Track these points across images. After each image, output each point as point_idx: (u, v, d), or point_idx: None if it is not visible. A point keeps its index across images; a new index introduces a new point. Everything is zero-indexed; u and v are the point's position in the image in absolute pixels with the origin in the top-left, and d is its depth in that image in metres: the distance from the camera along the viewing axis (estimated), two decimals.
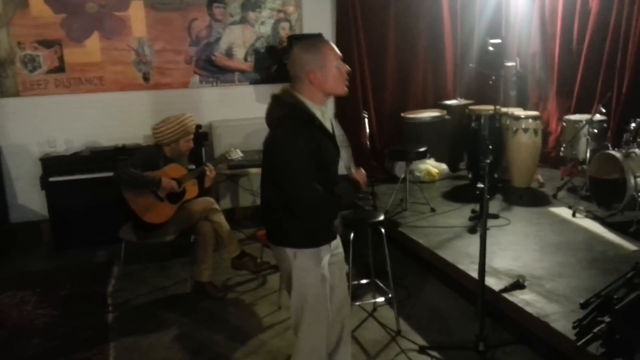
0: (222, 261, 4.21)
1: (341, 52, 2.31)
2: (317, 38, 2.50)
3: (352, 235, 3.33)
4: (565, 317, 2.80)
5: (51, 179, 4.77)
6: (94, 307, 3.87)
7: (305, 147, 2.15)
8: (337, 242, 2.49)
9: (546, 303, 2.98)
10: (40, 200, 4.99)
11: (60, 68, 5.10)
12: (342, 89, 2.29)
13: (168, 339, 3.43)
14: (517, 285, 3.17)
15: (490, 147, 2.97)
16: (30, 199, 5.16)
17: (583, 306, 2.81)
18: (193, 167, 4.28)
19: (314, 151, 2.17)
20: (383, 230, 3.39)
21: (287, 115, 2.24)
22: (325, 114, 2.34)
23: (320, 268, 2.32)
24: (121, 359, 3.20)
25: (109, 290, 4.15)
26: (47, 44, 5.02)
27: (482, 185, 2.91)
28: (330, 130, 2.33)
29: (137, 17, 5.23)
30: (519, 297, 3.06)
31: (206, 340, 3.41)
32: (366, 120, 5.01)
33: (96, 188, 4.78)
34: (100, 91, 5.25)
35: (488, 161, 2.93)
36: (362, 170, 2.43)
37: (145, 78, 5.37)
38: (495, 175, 5.31)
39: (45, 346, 3.34)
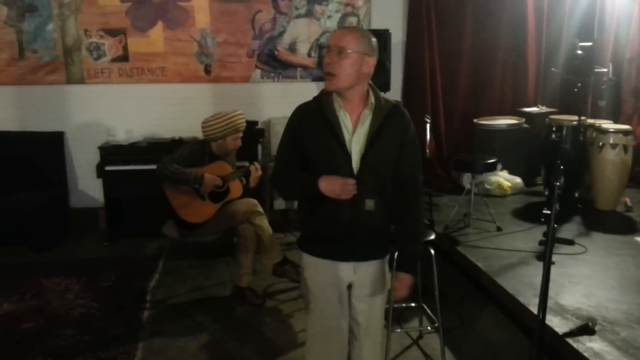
0: (264, 266, 4.01)
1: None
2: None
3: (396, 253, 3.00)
4: None
5: (107, 168, 4.78)
6: (131, 302, 3.79)
7: (289, 123, 2.12)
8: (365, 274, 2.16)
9: (619, 356, 2.52)
10: (98, 188, 5.03)
11: (124, 57, 5.10)
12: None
13: (197, 345, 3.27)
14: (586, 329, 2.72)
15: (562, 166, 2.53)
16: (89, 185, 5.22)
17: None
18: (245, 164, 4.09)
19: (296, 136, 2.08)
20: (432, 251, 3.03)
21: None
22: (362, 114, 2.07)
23: (315, 280, 2.17)
24: None
25: (151, 285, 4.08)
26: (112, 32, 5.04)
27: (548, 212, 2.49)
28: (344, 126, 2.03)
29: (201, 8, 5.13)
30: (586, 345, 2.61)
31: (235, 351, 3.21)
32: (428, 125, 4.62)
33: (150, 179, 4.71)
34: (161, 82, 5.22)
35: (558, 183, 2.50)
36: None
37: (207, 71, 5.28)
38: (576, 195, 4.76)
39: (76, 339, 3.29)
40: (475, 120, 5.56)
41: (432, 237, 3.06)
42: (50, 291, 3.94)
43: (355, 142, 2.03)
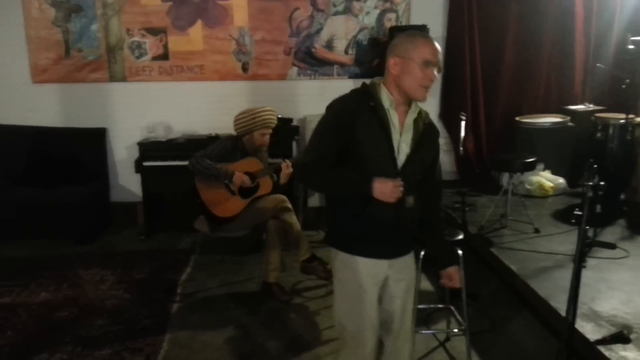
0: (293, 263, 4.00)
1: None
2: (422, 31, 2.31)
3: (422, 252, 2.92)
4: None
5: (145, 163, 4.90)
6: (162, 295, 3.87)
7: (337, 115, 2.01)
8: (401, 265, 2.18)
9: None
10: (137, 183, 5.16)
11: (164, 55, 5.22)
12: (418, 93, 2.00)
13: (222, 339, 3.30)
14: (620, 337, 2.57)
15: (595, 165, 2.40)
16: (129, 180, 5.37)
17: None
18: (279, 161, 4.10)
19: (345, 128, 1.98)
20: (460, 252, 2.94)
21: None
22: (408, 112, 2.08)
23: (357, 280, 2.11)
24: (171, 354, 3.12)
25: (182, 278, 4.15)
26: (153, 31, 5.16)
27: (580, 213, 2.36)
28: (394, 127, 2.03)
29: (239, 6, 5.18)
30: (619, 354, 2.47)
31: (260, 346, 3.22)
32: (463, 122, 4.49)
33: (187, 175, 4.80)
34: (200, 80, 5.30)
35: (591, 183, 2.37)
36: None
37: (244, 68, 5.33)
38: (622, 197, 4.52)
39: (106, 329, 3.38)
40: (517, 118, 5.37)
41: (461, 236, 2.97)
42: (86, 282, 4.07)
43: (404, 142, 2.05)
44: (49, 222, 4.77)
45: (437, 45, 2.01)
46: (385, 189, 1.93)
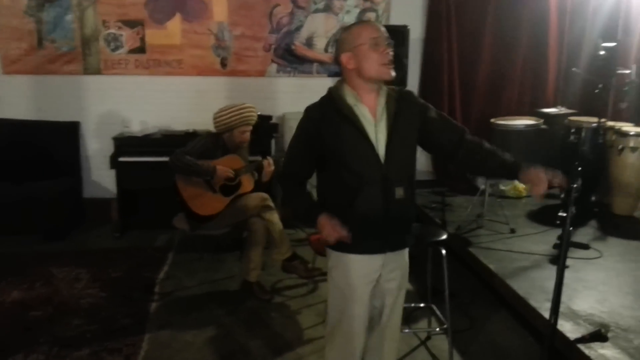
0: (273, 261, 3.99)
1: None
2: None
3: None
4: None
5: (121, 159, 4.80)
6: (139, 293, 3.80)
7: (302, 127, 2.09)
8: (393, 264, 2.19)
9: None
10: (112, 179, 5.05)
11: (141, 49, 5.12)
12: (382, 72, 2.00)
13: (203, 338, 3.26)
14: (598, 335, 2.64)
15: (580, 168, 2.46)
16: (103, 176, 5.25)
17: None
18: (258, 159, 4.07)
19: (312, 138, 2.04)
20: (444, 251, 2.98)
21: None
22: (377, 101, 2.07)
23: (348, 279, 2.11)
24: (151, 355, 3.07)
25: (160, 277, 4.08)
26: (130, 23, 5.06)
27: (564, 214, 2.42)
28: (366, 122, 2.03)
29: (219, 1, 5.12)
30: (598, 352, 2.54)
31: (241, 346, 3.19)
32: None
33: (164, 171, 4.69)
34: (178, 74, 5.22)
35: (575, 185, 2.43)
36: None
37: (223, 64, 5.27)
38: (592, 198, 4.66)
39: (83, 329, 3.30)
40: (492, 120, 5.46)
41: (444, 237, 3.00)
42: (60, 280, 3.96)
43: (380, 132, 2.03)
44: (20, 218, 4.63)
45: (376, 23, 2.05)
46: (324, 229, 2.00)
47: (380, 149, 2.02)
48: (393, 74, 2.02)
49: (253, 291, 3.77)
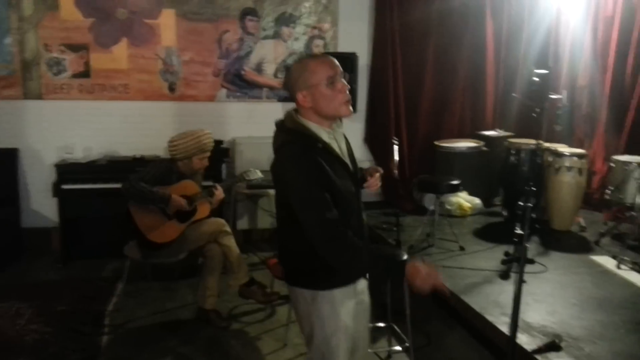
0: (230, 287, 3.92)
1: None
2: (314, 54, 2.26)
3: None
4: None
5: (64, 187, 4.60)
6: (89, 327, 3.63)
7: (312, 170, 1.88)
8: (363, 286, 2.20)
9: None
10: (53, 207, 4.83)
11: (85, 73, 4.98)
12: (340, 110, 1.96)
13: None
14: (553, 346, 2.78)
15: (534, 188, 2.61)
16: (43, 205, 5.01)
17: None
18: (210, 184, 4.02)
19: (319, 177, 1.88)
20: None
21: (288, 140, 1.97)
22: (338, 136, 2.07)
23: (342, 314, 2.04)
24: None
25: (109, 309, 3.92)
26: (74, 47, 4.92)
27: (521, 232, 2.55)
28: (343, 154, 2.05)
29: (167, 26, 5.08)
30: None
31: None
32: (396, 147, 4.69)
33: (110, 199, 4.54)
34: (124, 99, 5.10)
35: (530, 205, 2.57)
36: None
37: (171, 89, 5.21)
38: (533, 215, 4.90)
39: None
40: (436, 143, 5.68)
41: (405, 257, 3.07)
42: (0, 316, 3.72)
43: (347, 160, 2.06)
44: None
45: (330, 58, 1.98)
46: (420, 274, 1.87)
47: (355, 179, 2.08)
48: (352, 110, 2.01)
49: (209, 319, 3.69)
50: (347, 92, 1.97)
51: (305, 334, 2.13)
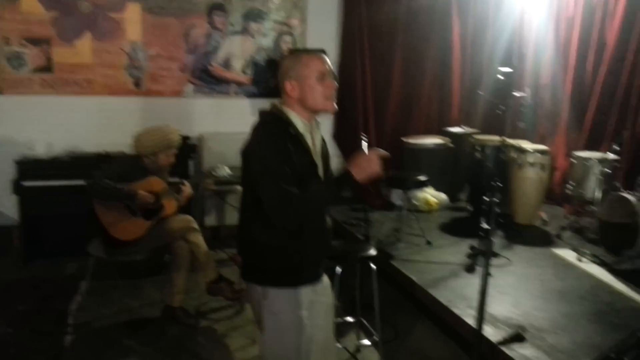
0: (197, 284, 3.89)
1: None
2: (309, 49, 2.30)
3: (338, 269, 3.01)
4: None
5: (25, 184, 4.47)
6: (51, 327, 3.54)
7: (280, 148, 1.93)
8: (323, 286, 2.20)
9: None
10: (12, 205, 4.68)
11: (47, 67, 4.84)
12: (325, 105, 2.03)
13: None
14: (517, 337, 2.85)
15: (499, 183, 2.67)
16: (3, 202, 4.85)
17: None
18: (176, 180, 3.97)
19: (285, 156, 1.93)
20: (374, 267, 3.07)
21: (262, 121, 2.05)
22: (315, 133, 2.10)
23: (299, 312, 2.04)
24: None
25: (72, 308, 3.83)
26: (35, 41, 4.77)
27: (487, 227, 2.60)
28: (315, 151, 2.07)
29: (132, 20, 4.98)
30: (519, 352, 2.74)
31: None
32: (364, 144, 4.72)
33: (73, 196, 4.41)
34: (87, 94, 4.98)
35: (496, 200, 2.63)
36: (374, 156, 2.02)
37: (137, 84, 5.11)
38: (498, 210, 5.00)
39: None
40: (403, 139, 5.74)
41: (374, 252, 3.10)
42: None
43: (318, 161, 2.08)
44: None
45: (324, 56, 2.06)
46: (367, 161, 1.98)
47: (321, 176, 2.09)
48: (335, 107, 2.06)
49: (176, 317, 3.64)
50: (334, 90, 2.04)
51: (258, 328, 2.17)
